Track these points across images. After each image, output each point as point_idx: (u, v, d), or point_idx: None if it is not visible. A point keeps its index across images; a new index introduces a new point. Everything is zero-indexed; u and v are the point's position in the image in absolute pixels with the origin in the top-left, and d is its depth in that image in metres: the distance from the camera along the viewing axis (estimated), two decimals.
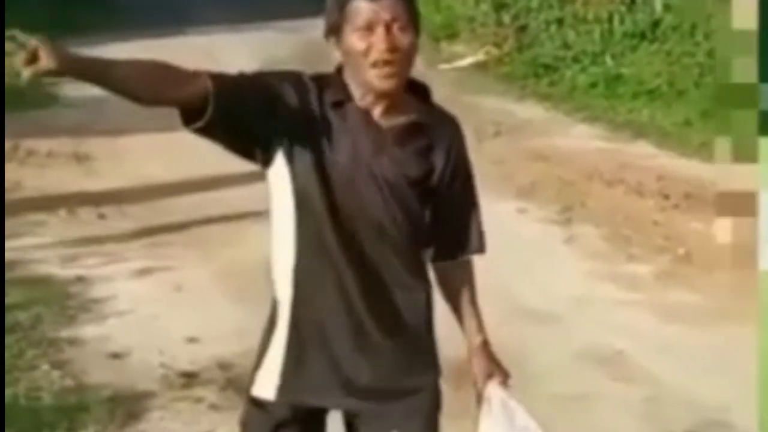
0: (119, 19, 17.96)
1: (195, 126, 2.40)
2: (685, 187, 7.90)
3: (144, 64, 2.38)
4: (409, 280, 2.62)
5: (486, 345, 2.74)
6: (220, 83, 2.41)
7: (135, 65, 2.36)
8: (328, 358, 2.57)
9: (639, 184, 8.13)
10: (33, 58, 2.19)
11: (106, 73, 2.31)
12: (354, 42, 2.50)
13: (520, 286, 6.03)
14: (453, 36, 15.01)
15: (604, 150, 9.39)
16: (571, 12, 13.63)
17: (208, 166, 6.86)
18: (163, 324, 5.63)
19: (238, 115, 2.43)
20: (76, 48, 2.38)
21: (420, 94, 2.64)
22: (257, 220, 2.40)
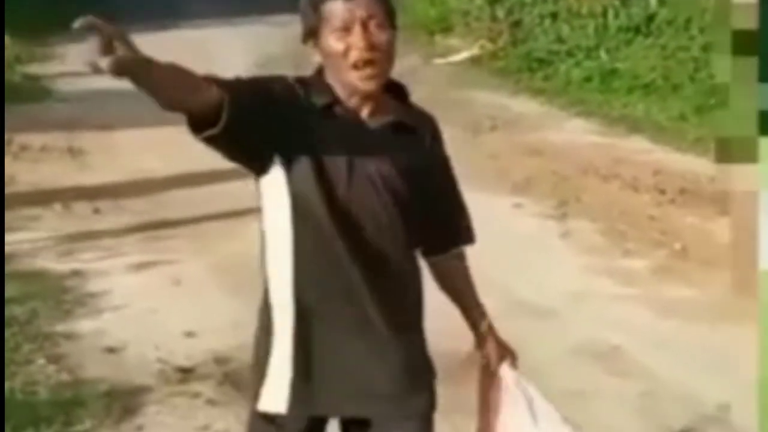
0: (113, 12, 17.92)
1: (208, 134, 2.33)
2: (681, 182, 7.91)
3: (174, 68, 2.29)
4: (406, 278, 2.63)
5: (493, 328, 2.80)
6: (232, 91, 2.35)
7: (168, 68, 2.27)
8: (340, 365, 2.55)
9: (635, 178, 8.14)
10: (109, 48, 2.08)
11: (149, 73, 2.22)
12: (332, 43, 2.50)
13: (516, 281, 6.03)
14: (447, 30, 15.02)
15: (600, 145, 9.39)
16: (565, 6, 13.64)
17: (203, 161, 6.82)
18: (159, 318, 5.63)
19: (248, 122, 2.38)
20: (69, 42, 2.36)
21: (398, 93, 2.64)
22: (254, 215, 2.40)
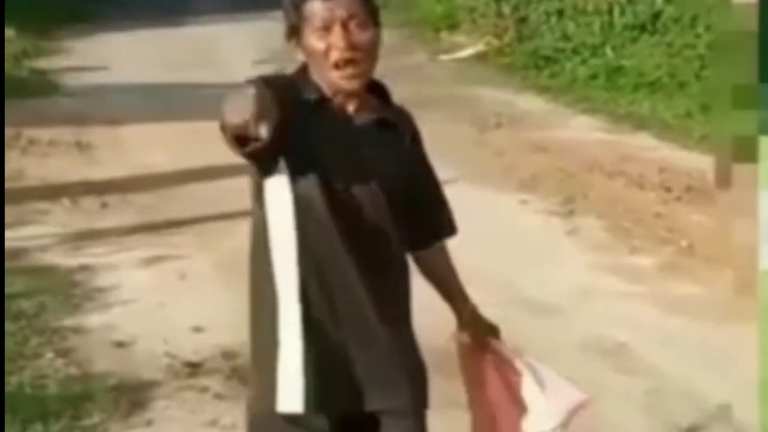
0: (119, 8, 17.95)
1: (252, 147, 2.31)
2: (687, 180, 7.91)
3: None
4: (397, 274, 2.65)
5: (476, 310, 2.86)
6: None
7: None
8: (343, 362, 2.56)
9: (640, 176, 8.14)
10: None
11: None
12: (314, 43, 2.52)
13: (523, 278, 6.04)
14: (453, 26, 15.02)
15: (605, 142, 9.40)
16: (571, 3, 13.64)
17: (209, 156, 6.86)
18: (167, 313, 5.65)
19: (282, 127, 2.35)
20: (77, 36, 2.37)
21: (380, 92, 2.65)
22: None
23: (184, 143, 8.75)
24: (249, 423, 2.68)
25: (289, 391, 2.53)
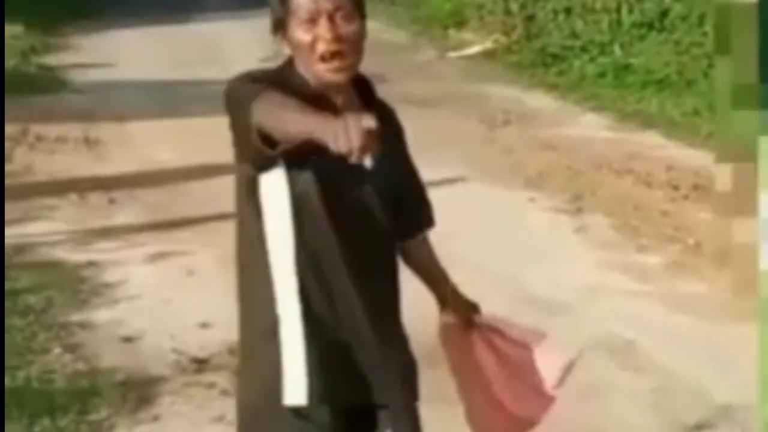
0: (126, 5, 17.98)
1: (282, 148, 2.36)
2: (695, 178, 7.90)
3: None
4: (388, 268, 2.67)
5: (456, 290, 2.90)
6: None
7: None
8: (339, 356, 2.57)
9: (648, 174, 8.13)
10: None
11: None
12: (300, 36, 2.51)
13: (530, 276, 6.03)
14: (462, 24, 15.03)
15: (613, 140, 9.39)
16: (579, 1, 13.64)
17: (216, 153, 6.85)
18: (174, 309, 5.66)
19: None
20: (84, 33, 2.37)
21: (364, 86, 2.65)
22: None
23: (191, 140, 8.76)
24: (242, 417, 2.68)
25: (294, 384, 2.54)
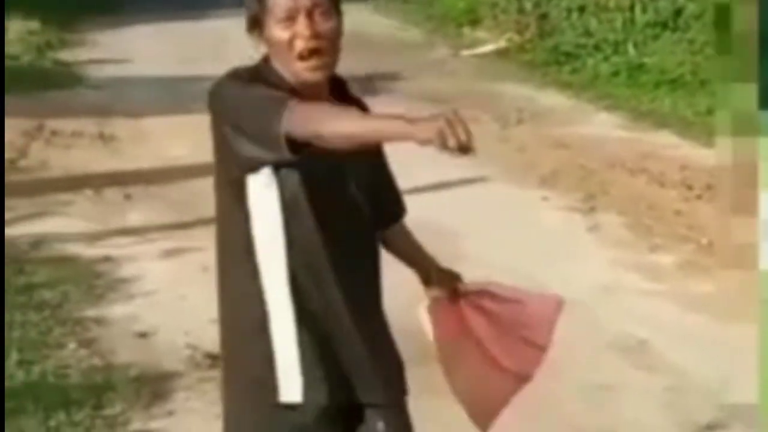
0: (143, 1, 18.01)
1: (305, 151, 2.38)
2: (708, 178, 7.89)
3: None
4: (371, 262, 2.69)
5: (438, 265, 2.91)
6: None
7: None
8: (338, 356, 2.59)
9: (661, 173, 8.13)
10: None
11: None
12: (277, 33, 2.50)
13: (543, 274, 6.03)
14: (475, 22, 15.03)
15: (627, 139, 9.39)
16: (592, 0, 13.62)
17: None
18: (188, 305, 5.67)
19: None
20: (100, 29, 2.38)
21: (338, 84, 2.64)
22: None
23: (206, 136, 8.74)
24: (228, 413, 2.72)
25: (289, 381, 2.55)
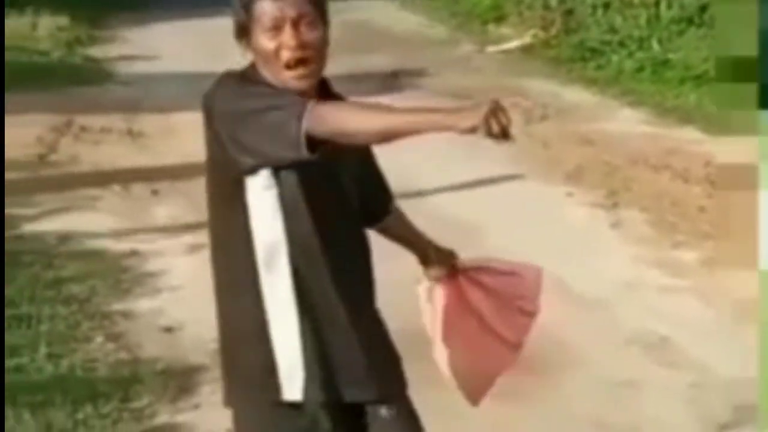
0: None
1: (319, 149, 2.42)
2: None
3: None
4: (364, 256, 2.73)
5: (435, 246, 3.01)
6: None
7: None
8: (327, 353, 2.61)
9: (685, 170, 8.11)
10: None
11: None
12: (264, 43, 2.53)
13: (567, 270, 6.05)
14: (500, 19, 15.03)
15: (651, 135, 9.37)
16: None
17: None
18: (214, 299, 5.71)
19: None
20: (130, 25, 2.42)
21: (323, 86, 2.66)
22: None
23: None
24: (238, 411, 2.73)
25: (291, 380, 2.59)
